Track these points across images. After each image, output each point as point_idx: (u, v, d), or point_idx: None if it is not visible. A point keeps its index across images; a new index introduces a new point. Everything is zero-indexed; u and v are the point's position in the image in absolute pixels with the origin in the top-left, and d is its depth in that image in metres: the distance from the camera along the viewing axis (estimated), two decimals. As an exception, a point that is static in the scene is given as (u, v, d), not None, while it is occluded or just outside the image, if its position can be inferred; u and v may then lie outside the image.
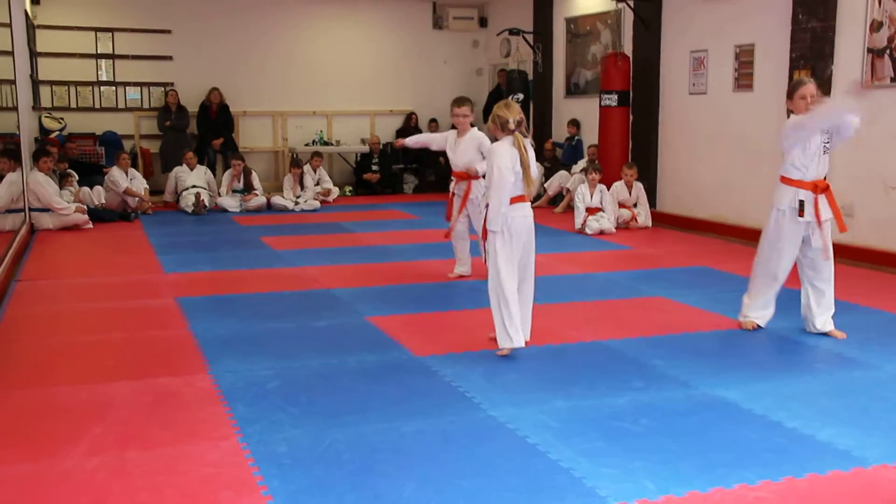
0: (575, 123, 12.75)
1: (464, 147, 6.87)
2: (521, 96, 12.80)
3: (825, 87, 8.26)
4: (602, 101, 11.15)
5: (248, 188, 12.13)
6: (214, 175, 12.68)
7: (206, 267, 7.64)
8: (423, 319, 5.79)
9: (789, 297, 6.62)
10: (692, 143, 10.41)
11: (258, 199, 12.07)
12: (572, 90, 13.01)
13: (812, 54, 8.44)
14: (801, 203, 5.20)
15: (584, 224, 9.81)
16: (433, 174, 15.08)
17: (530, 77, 13.44)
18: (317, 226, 10.49)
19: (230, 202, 11.95)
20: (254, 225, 10.55)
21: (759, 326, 5.49)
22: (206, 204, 11.75)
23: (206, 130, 13.36)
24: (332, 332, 5.43)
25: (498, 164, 4.69)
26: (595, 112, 11.53)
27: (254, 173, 12.34)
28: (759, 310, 5.49)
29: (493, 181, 4.71)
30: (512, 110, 4.78)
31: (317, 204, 12.29)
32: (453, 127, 7.09)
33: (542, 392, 4.30)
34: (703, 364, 4.77)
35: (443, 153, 7.37)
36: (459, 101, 6.97)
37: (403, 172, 14.99)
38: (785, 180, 5.27)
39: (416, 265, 7.80)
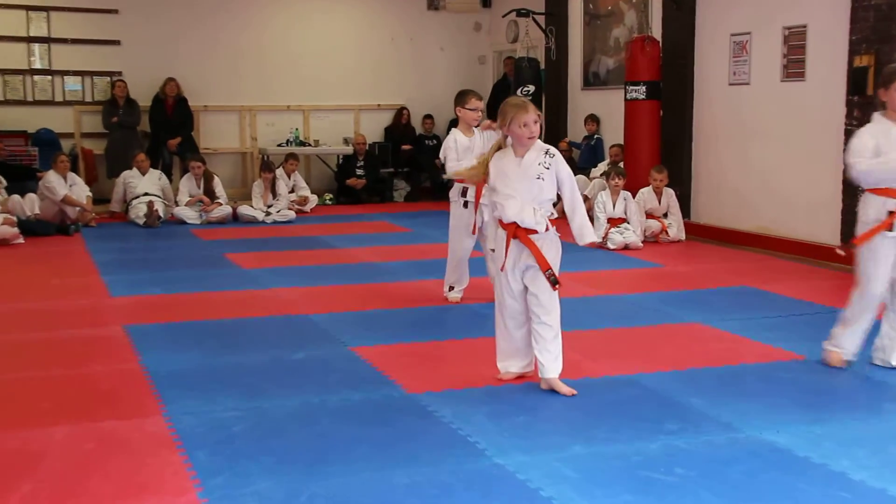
0: (594, 120, 12.77)
1: (483, 146, 6.73)
2: (531, 88, 12.83)
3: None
4: (627, 94, 11.18)
5: (211, 196, 12.12)
6: (170, 180, 12.68)
7: (161, 289, 7.62)
8: (418, 350, 5.76)
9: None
10: (733, 142, 10.43)
11: (222, 209, 12.07)
12: (591, 81, 13.04)
13: (876, 36, 8.47)
14: (891, 214, 5.12)
15: (605, 237, 9.81)
16: (428, 179, 15.09)
17: (542, 66, 13.48)
18: (292, 240, 10.48)
19: (189, 212, 11.95)
20: (217, 239, 10.54)
21: (848, 362, 5.40)
22: (161, 215, 11.73)
23: (161, 128, 13.38)
24: (311, 366, 5.41)
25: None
26: (618, 106, 11.56)
27: (217, 179, 12.34)
28: (854, 340, 5.38)
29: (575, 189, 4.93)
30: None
31: (292, 214, 12.29)
32: (451, 126, 7.15)
33: (557, 436, 4.27)
34: (749, 403, 4.74)
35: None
36: (473, 94, 7.07)
37: (393, 177, 15.00)
38: (871, 189, 5.20)
39: (409, 286, 7.78)
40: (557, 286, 4.82)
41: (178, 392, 4.89)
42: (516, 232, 4.82)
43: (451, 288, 7.17)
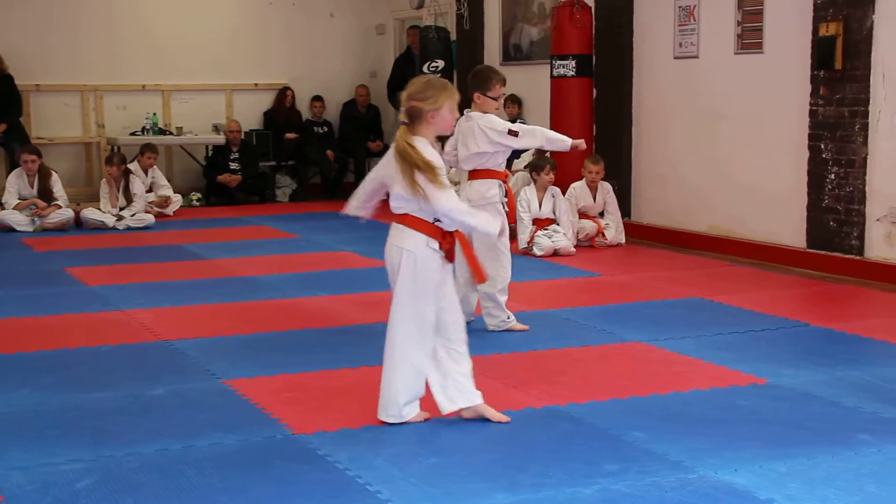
0: (516, 101, 12.86)
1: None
2: (440, 64, 12.86)
3: (864, 46, 8.50)
4: (553, 70, 11.27)
5: (47, 197, 11.89)
6: (-3, 178, 12.42)
7: (-16, 313, 7.48)
8: (307, 382, 5.72)
9: (807, 339, 6.74)
10: (679, 126, 10.60)
11: (61, 214, 11.86)
12: (512, 55, 13.13)
13: (845, 1, 8.67)
14: None
15: (530, 242, 9.87)
16: (317, 174, 15.02)
17: (453, 37, 13.52)
18: (150, 250, 10.37)
19: (19, 218, 11.71)
20: (55, 250, 10.37)
21: None
22: (-15, 221, 11.50)
23: (-21, 113, 13.11)
24: (174, 404, 5.34)
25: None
26: (544, 85, 11.65)
27: (55, 176, 12.10)
28: None
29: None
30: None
31: (150, 219, 12.13)
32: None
33: (475, 482, 4.26)
34: (702, 437, 4.80)
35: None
36: (498, 77, 6.79)
37: (275, 172, 14.89)
38: None
39: (295, 304, 7.75)
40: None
41: (3, 441, 4.77)
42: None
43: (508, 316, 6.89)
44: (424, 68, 12.78)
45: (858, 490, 4.18)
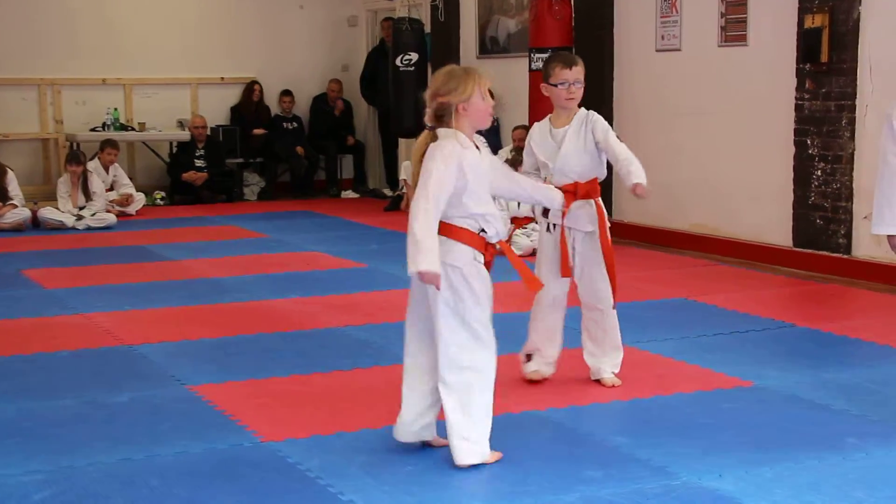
0: (492, 95, 12.84)
1: (572, 138, 5.75)
2: (413, 57, 12.85)
3: (851, 38, 8.55)
4: (532, 63, 11.29)
5: (2, 196, 11.82)
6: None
7: (-63, 317, 7.45)
8: (275, 388, 5.72)
9: (794, 340, 6.78)
10: (661, 121, 10.63)
11: (17, 213, 11.81)
12: (489, 47, 13.13)
13: (831, -10, 8.72)
14: None
15: (508, 241, 9.87)
16: (287, 171, 14.99)
17: (427, 29, 13.52)
18: (111, 251, 10.34)
19: (-26, 218, 11.65)
20: (11, 251, 10.33)
21: None
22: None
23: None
24: (137, 411, 5.33)
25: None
26: (523, 79, 11.66)
27: (10, 173, 12.05)
28: None
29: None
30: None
31: (112, 218, 12.09)
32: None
33: (451, 489, 4.27)
34: (686, 441, 4.82)
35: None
36: (560, 61, 5.75)
37: (243, 170, 14.85)
38: None
39: (264, 306, 7.75)
40: None
41: (-41, 451, 4.75)
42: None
43: (529, 357, 5.93)
44: (397, 61, 12.77)
45: (846, 496, 4.21)
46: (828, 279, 8.67)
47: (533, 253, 9.69)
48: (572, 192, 5.66)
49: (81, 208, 12.02)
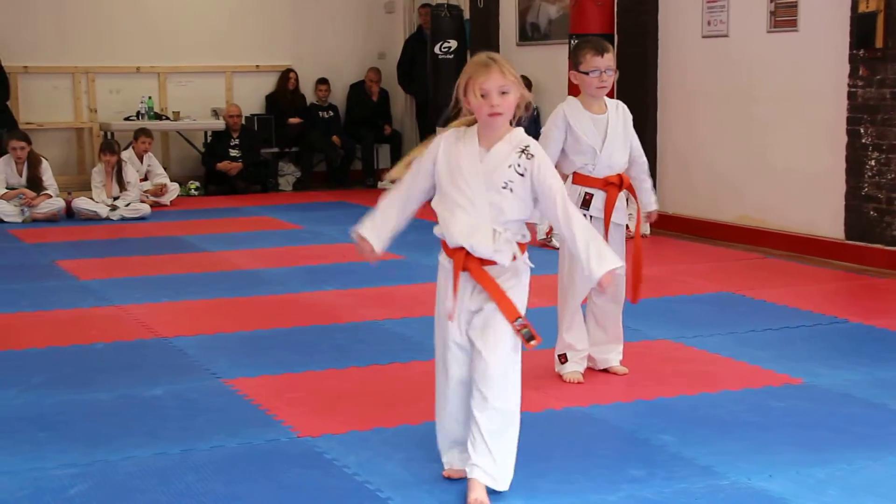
0: (529, 83, 12.81)
1: (616, 126, 5.71)
2: (452, 44, 12.84)
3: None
4: (574, 50, 11.24)
5: (36, 186, 11.91)
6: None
7: (-31, 309, 7.51)
8: (312, 382, 5.73)
9: (846, 337, 6.72)
10: (708, 110, 10.57)
11: (52, 203, 11.90)
12: (529, 34, 13.10)
13: (887, -26, 8.64)
14: None
15: (549, 234, 9.85)
16: (322, 161, 15.01)
17: (466, 15, 13.50)
18: (146, 242, 10.40)
19: (7, 208, 11.77)
20: (46, 242, 10.41)
21: None
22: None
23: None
24: (172, 405, 5.35)
25: None
26: (563, 67, 11.61)
27: (45, 163, 12.15)
28: None
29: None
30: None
31: (146, 209, 12.16)
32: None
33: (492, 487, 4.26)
34: (733, 440, 4.78)
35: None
36: (590, 48, 5.75)
37: (278, 160, 14.89)
38: None
39: (300, 299, 7.76)
40: (532, 343, 4.06)
41: (-8, 444, 4.79)
42: (465, 263, 4.09)
43: (564, 358, 5.76)
44: (436, 49, 12.76)
45: (901, 498, 4.17)
46: (881, 273, 8.58)
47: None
48: (616, 185, 5.63)
49: (116, 198, 12.10)
